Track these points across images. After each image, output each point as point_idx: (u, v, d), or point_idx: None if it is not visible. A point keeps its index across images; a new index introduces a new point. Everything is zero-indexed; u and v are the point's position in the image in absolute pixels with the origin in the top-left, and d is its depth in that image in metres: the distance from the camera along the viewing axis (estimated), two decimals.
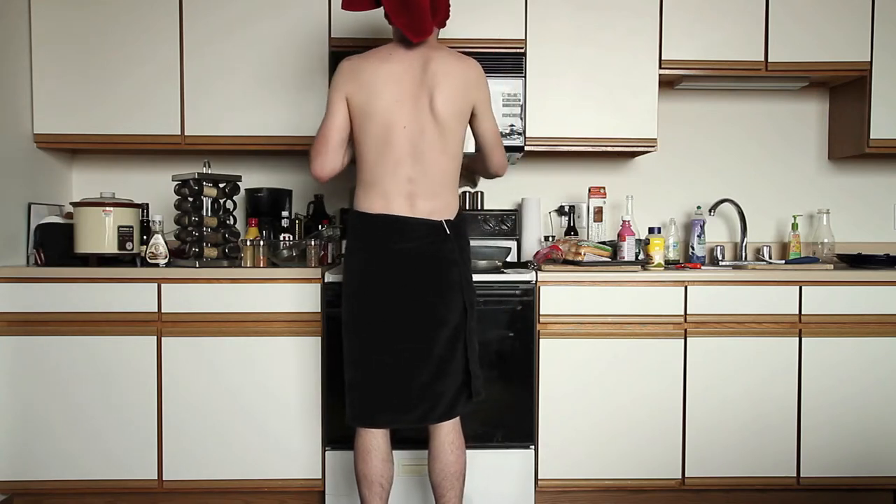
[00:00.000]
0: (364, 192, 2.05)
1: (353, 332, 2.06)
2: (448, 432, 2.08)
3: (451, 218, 2.06)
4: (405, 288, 2.01)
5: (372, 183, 2.03)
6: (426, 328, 2.02)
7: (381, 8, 2.06)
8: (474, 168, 2.31)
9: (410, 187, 2.01)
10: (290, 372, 2.52)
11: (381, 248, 2.01)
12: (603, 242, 2.74)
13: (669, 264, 2.88)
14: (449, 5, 2.12)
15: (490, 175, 2.26)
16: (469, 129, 2.13)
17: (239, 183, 2.72)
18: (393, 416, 2.04)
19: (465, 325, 2.06)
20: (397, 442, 2.44)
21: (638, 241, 2.87)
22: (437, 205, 2.03)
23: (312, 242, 2.63)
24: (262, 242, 2.59)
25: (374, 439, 2.06)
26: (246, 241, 2.59)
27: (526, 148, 2.75)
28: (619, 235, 2.70)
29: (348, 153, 2.11)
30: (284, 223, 2.78)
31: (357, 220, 2.05)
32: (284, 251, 2.63)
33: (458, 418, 2.11)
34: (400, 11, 1.98)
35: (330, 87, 2.06)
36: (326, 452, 2.52)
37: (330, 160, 2.05)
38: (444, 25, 2.17)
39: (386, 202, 2.01)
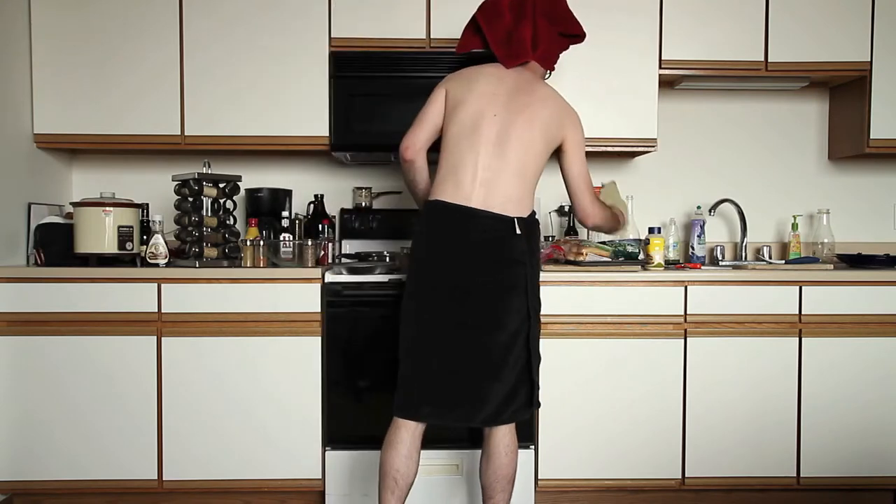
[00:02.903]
0: (440, 180, 2.07)
1: (411, 322, 2.05)
2: (504, 435, 2.06)
3: (525, 215, 2.05)
4: (467, 284, 2.00)
5: (449, 170, 2.05)
6: (483, 329, 1.99)
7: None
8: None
9: (487, 174, 2.02)
10: (291, 372, 2.52)
11: (446, 240, 2.02)
12: (603, 242, 2.74)
13: (669, 264, 2.87)
14: (550, 48, 2.23)
15: (580, 221, 2.26)
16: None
17: (239, 183, 2.72)
18: (434, 409, 2.02)
19: (528, 331, 2.04)
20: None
21: (638, 240, 2.87)
22: (512, 197, 2.02)
23: (310, 242, 2.63)
24: (262, 242, 2.59)
25: (399, 433, 2.03)
26: (246, 241, 2.59)
27: None
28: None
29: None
30: (284, 223, 2.78)
31: (427, 208, 2.07)
32: (284, 251, 2.63)
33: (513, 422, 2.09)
34: (502, 44, 2.17)
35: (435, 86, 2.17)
36: (326, 452, 2.52)
37: (420, 136, 2.13)
38: (546, 65, 2.26)
39: (458, 190, 2.02)
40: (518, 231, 2.02)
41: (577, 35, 2.28)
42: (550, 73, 2.31)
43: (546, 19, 2.19)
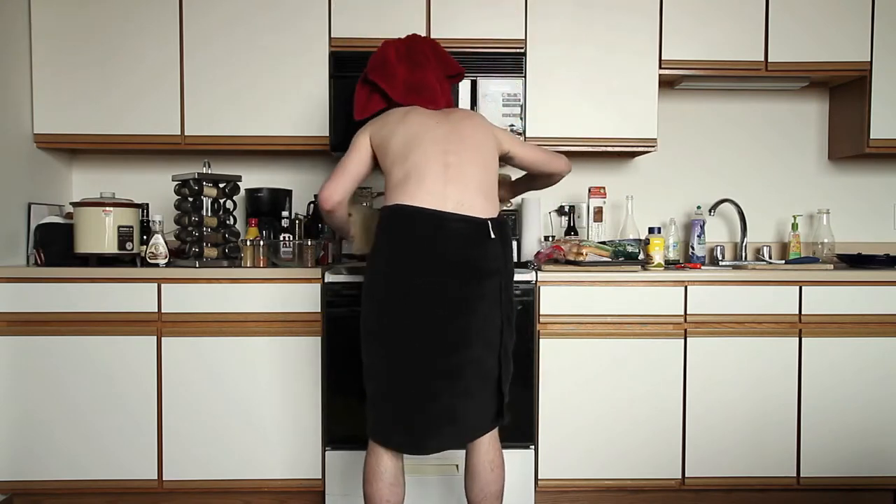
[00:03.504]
0: (397, 187, 1.93)
1: (375, 340, 1.91)
2: (487, 450, 1.96)
3: (496, 216, 1.95)
4: (438, 298, 1.85)
5: (407, 174, 1.92)
6: (460, 343, 1.86)
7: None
8: (533, 185, 2.31)
9: (452, 172, 1.92)
10: (291, 372, 2.52)
11: (413, 249, 1.86)
12: (603, 242, 2.74)
13: (669, 264, 2.88)
14: (455, 63, 2.22)
15: (555, 181, 2.25)
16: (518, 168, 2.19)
17: (239, 183, 2.72)
18: (411, 440, 1.89)
19: (501, 342, 1.93)
20: None
21: (638, 240, 2.87)
22: (479, 193, 1.92)
23: (310, 242, 2.63)
24: (262, 242, 2.59)
25: (384, 462, 1.93)
26: (246, 241, 2.59)
27: None
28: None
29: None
30: (284, 223, 2.78)
31: (388, 214, 1.91)
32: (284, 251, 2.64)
33: (496, 434, 1.99)
34: (411, 96, 2.10)
35: (356, 135, 2.09)
36: (326, 452, 2.52)
37: (341, 187, 2.03)
38: (459, 79, 2.28)
39: (426, 192, 1.88)
40: (492, 235, 1.91)
41: (459, 74, 2.26)
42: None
43: (437, 64, 2.16)
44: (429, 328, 1.86)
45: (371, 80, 2.14)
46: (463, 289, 1.87)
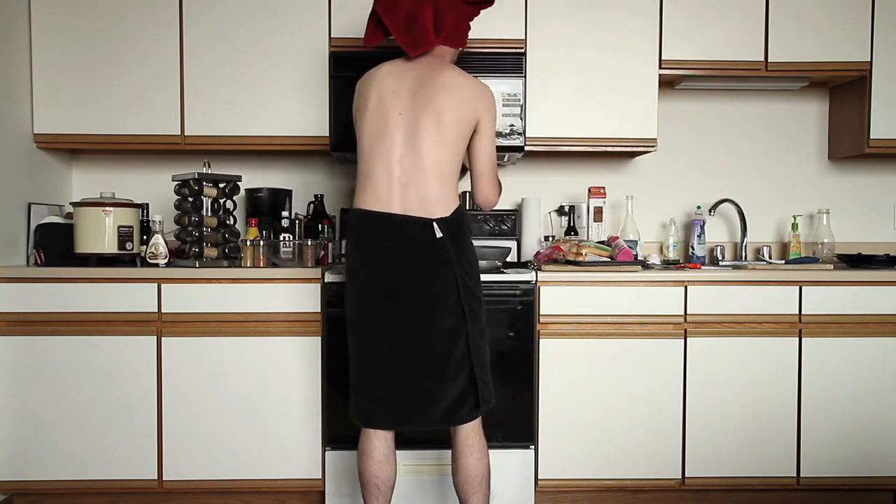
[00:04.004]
0: (359, 188, 2.05)
1: (351, 332, 2.06)
2: (466, 435, 2.05)
3: (447, 214, 2.00)
4: (398, 290, 1.99)
5: (366, 175, 2.02)
6: (420, 333, 1.99)
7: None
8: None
9: (402, 175, 1.98)
10: (291, 372, 2.52)
11: (373, 247, 2.00)
12: (602, 242, 2.74)
13: (669, 264, 2.88)
14: (457, 25, 2.12)
15: (479, 205, 2.19)
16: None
17: (239, 183, 2.72)
18: (390, 418, 2.02)
19: (467, 330, 2.00)
20: (399, 442, 2.45)
21: (636, 241, 2.88)
22: (431, 195, 1.98)
23: (310, 242, 2.63)
24: (262, 242, 2.59)
25: (372, 440, 2.04)
26: (246, 241, 2.59)
27: (526, 148, 2.75)
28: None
29: None
30: (284, 223, 2.78)
31: (351, 218, 2.05)
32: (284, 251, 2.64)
33: (478, 421, 2.07)
34: (404, 31, 2.05)
35: None
36: (326, 452, 2.52)
37: None
38: (455, 44, 2.13)
39: (377, 197, 1.99)
40: (439, 234, 1.98)
41: (484, 1, 2.17)
42: (462, 50, 2.25)
43: None
44: (390, 319, 2.00)
45: (374, 7, 2.13)
46: (415, 281, 1.99)
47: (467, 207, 3.05)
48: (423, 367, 1.99)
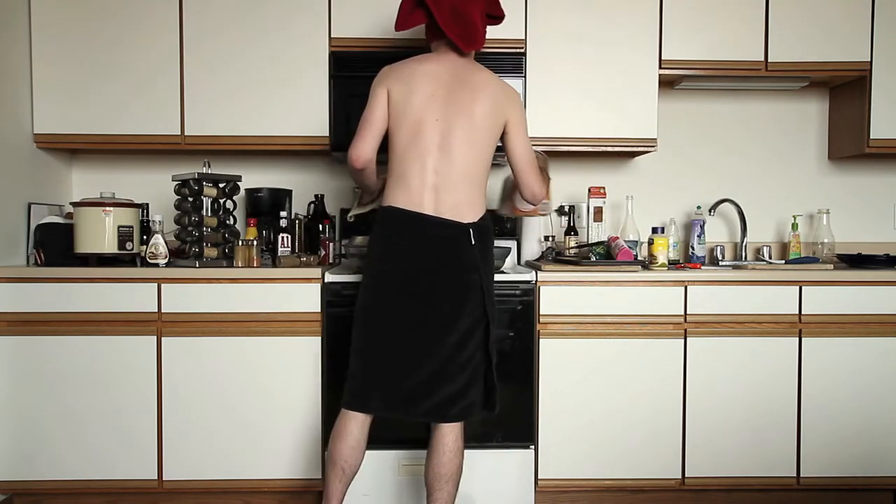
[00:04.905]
0: (391, 187, 2.09)
1: (363, 322, 2.08)
2: (444, 434, 2.08)
3: (476, 219, 2.07)
4: (420, 286, 2.03)
5: (399, 176, 2.06)
6: (435, 330, 2.03)
7: (419, 23, 2.14)
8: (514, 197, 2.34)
9: (436, 179, 2.04)
10: (291, 372, 2.52)
11: (401, 244, 2.04)
12: (601, 242, 2.74)
13: (669, 264, 2.88)
14: (500, 4, 2.21)
15: (527, 201, 2.26)
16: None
17: (239, 183, 2.72)
18: (383, 403, 2.05)
19: (485, 334, 2.07)
20: (395, 442, 2.45)
21: (635, 241, 2.88)
22: (462, 199, 2.05)
23: (304, 257, 2.63)
24: (254, 242, 2.58)
25: (348, 425, 2.08)
26: (238, 240, 2.58)
27: None
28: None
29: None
30: (283, 223, 2.78)
31: (381, 214, 2.10)
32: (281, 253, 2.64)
33: (462, 423, 2.10)
34: (452, 22, 2.07)
35: (372, 84, 2.13)
36: (326, 452, 2.51)
37: (368, 144, 2.10)
38: (498, 22, 2.24)
39: (410, 196, 2.04)
40: (473, 241, 2.05)
41: (499, 17, 2.24)
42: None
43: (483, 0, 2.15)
44: (407, 311, 2.04)
45: None
46: (441, 281, 2.03)
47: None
48: (429, 362, 2.03)
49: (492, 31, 2.72)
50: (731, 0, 2.79)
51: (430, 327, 2.03)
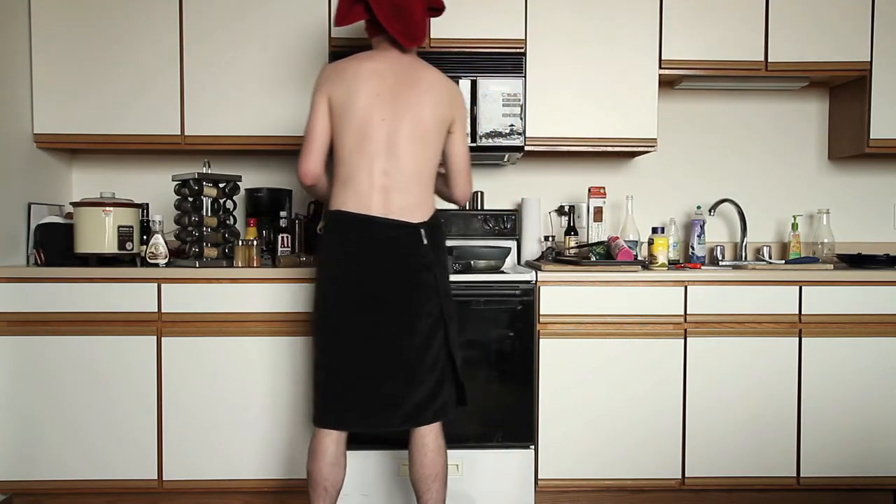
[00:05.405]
0: (339, 190, 2.03)
1: (322, 332, 2.04)
2: (422, 435, 2.06)
3: (427, 219, 2.04)
4: (376, 291, 1.99)
5: (347, 179, 2.01)
6: (395, 334, 2.00)
7: (362, 21, 2.09)
8: (439, 190, 2.22)
9: (385, 180, 1.99)
10: (290, 372, 2.51)
11: (354, 248, 1.99)
12: (601, 242, 2.74)
13: (669, 264, 2.87)
14: (428, 21, 2.16)
15: (451, 202, 2.23)
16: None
17: (239, 183, 2.72)
18: (356, 416, 2.02)
19: (446, 333, 2.04)
20: (394, 442, 2.45)
21: (635, 242, 2.88)
22: (412, 200, 2.01)
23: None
24: (254, 242, 2.58)
25: (323, 443, 2.03)
26: (238, 240, 2.58)
27: (526, 148, 2.75)
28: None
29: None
30: (283, 223, 2.78)
31: (330, 219, 2.04)
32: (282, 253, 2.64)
33: (440, 422, 2.09)
34: (392, 18, 2.02)
35: (313, 90, 2.08)
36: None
37: (315, 159, 2.05)
38: (439, 14, 2.19)
39: (359, 199, 1.99)
40: (424, 241, 2.01)
41: (440, 9, 2.18)
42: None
43: None
44: (366, 319, 2.00)
45: None
46: (395, 284, 2.00)
47: (467, 207, 3.05)
48: (395, 368, 2.00)
49: (492, 31, 2.73)
50: (731, 0, 2.79)
51: (390, 332, 1.99)
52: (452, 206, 3.08)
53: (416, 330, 2.00)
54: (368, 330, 1.99)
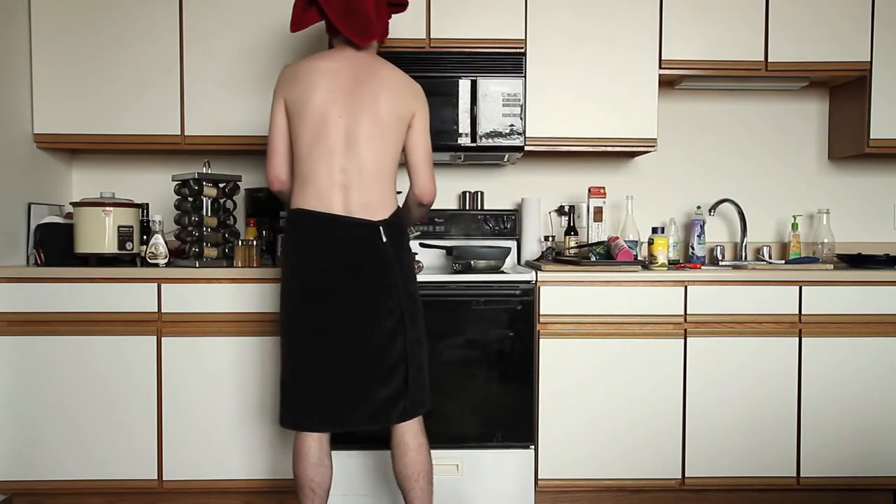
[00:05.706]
0: (298, 188, 2.02)
1: (286, 331, 2.03)
2: (402, 434, 2.05)
3: (387, 217, 2.02)
4: (338, 289, 1.98)
5: (306, 177, 2.00)
6: (358, 333, 1.98)
7: (323, 21, 2.08)
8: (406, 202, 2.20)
9: (344, 178, 1.98)
10: None
11: (315, 247, 1.98)
12: (601, 242, 2.74)
13: (669, 264, 2.87)
14: (387, 18, 2.14)
15: (416, 203, 2.14)
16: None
17: (239, 183, 2.72)
18: (322, 416, 2.00)
19: (405, 333, 2.02)
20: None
21: (635, 242, 2.88)
22: (372, 198, 1.99)
23: None
24: (254, 242, 2.58)
25: (305, 443, 2.03)
26: (238, 241, 2.58)
27: (526, 148, 2.75)
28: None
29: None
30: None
31: (290, 218, 2.03)
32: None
33: (415, 422, 2.06)
34: (344, 18, 2.02)
35: (273, 94, 2.07)
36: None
37: (279, 165, 2.07)
38: (385, 37, 2.16)
39: (319, 198, 1.98)
40: (384, 239, 1.99)
41: (403, 4, 2.18)
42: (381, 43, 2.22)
43: None
44: (328, 318, 1.98)
45: None
46: (357, 282, 1.98)
47: (466, 207, 3.05)
48: (358, 367, 1.98)
49: (492, 31, 2.73)
50: (730, 0, 2.79)
51: (353, 331, 1.98)
52: (452, 206, 3.09)
53: (377, 328, 1.98)
54: (332, 329, 1.98)
